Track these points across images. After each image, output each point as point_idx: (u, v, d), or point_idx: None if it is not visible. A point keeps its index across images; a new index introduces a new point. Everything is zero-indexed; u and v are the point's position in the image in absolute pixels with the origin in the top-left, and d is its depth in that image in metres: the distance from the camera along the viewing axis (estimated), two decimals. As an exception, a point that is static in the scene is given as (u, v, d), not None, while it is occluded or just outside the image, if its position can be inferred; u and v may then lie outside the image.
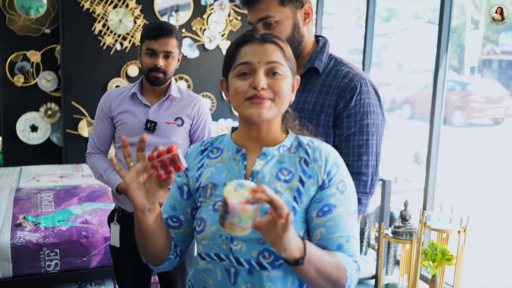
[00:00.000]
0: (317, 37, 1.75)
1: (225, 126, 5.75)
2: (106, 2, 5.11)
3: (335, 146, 1.59)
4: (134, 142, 2.28)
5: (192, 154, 1.34)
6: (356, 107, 1.57)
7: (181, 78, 5.49)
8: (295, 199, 1.18)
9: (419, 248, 3.22)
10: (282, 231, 0.99)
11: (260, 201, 0.99)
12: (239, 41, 1.23)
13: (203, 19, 5.50)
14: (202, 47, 5.56)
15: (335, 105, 1.59)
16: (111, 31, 5.17)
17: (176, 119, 2.31)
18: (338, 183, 1.21)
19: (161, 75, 2.23)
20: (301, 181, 1.20)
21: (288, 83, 1.21)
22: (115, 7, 5.14)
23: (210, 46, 5.56)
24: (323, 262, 1.09)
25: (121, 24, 5.17)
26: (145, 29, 2.26)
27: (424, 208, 3.77)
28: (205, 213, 1.23)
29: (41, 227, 3.03)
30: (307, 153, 1.23)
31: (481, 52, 17.67)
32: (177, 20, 5.44)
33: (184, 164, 1.09)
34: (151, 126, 2.27)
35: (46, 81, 5.13)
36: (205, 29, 5.52)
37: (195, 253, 1.32)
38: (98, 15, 5.10)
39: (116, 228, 2.37)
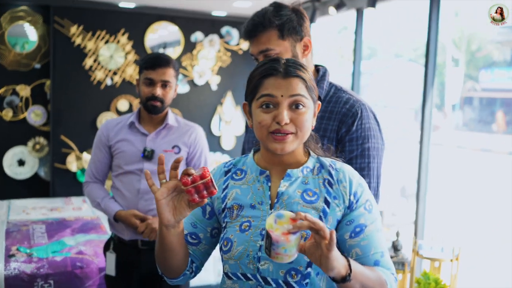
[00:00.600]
0: (316, 66, 1.82)
1: (214, 159, 5.77)
2: (97, 38, 5.18)
3: None
4: (131, 170, 2.31)
5: (216, 175, 1.38)
6: (358, 131, 1.64)
7: (170, 112, 5.53)
8: (320, 218, 1.22)
9: (412, 278, 3.22)
10: (327, 251, 1.03)
11: (301, 229, 1.04)
12: (263, 73, 1.26)
13: (193, 54, 5.59)
14: (191, 83, 5.63)
15: (337, 130, 1.65)
16: (102, 66, 5.22)
17: (173, 147, 2.35)
18: (365, 203, 1.25)
19: (158, 103, 2.29)
20: (326, 202, 1.24)
21: (310, 113, 1.26)
22: (106, 42, 5.21)
23: (199, 81, 5.64)
24: (367, 277, 1.15)
25: (112, 60, 5.23)
26: (143, 60, 2.33)
27: (416, 237, 3.79)
28: (232, 233, 1.26)
29: (34, 258, 2.99)
30: (330, 174, 1.28)
31: (462, 89, 18.10)
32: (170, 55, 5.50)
33: (216, 188, 1.14)
34: (148, 154, 2.31)
35: (35, 115, 5.13)
36: (194, 65, 5.60)
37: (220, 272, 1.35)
38: (89, 50, 5.16)
39: (112, 256, 2.37)
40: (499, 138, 15.58)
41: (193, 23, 5.56)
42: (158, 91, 2.27)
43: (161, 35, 5.51)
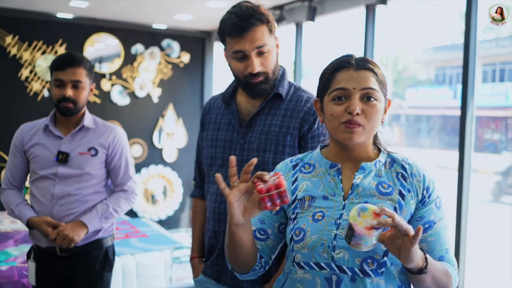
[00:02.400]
0: None
1: (156, 172, 5.72)
2: (34, 49, 5.04)
3: None
4: (46, 174, 2.22)
5: (283, 169, 1.38)
6: (319, 129, 1.70)
7: (111, 125, 5.44)
8: (395, 210, 1.23)
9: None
10: (410, 245, 1.06)
11: (385, 227, 1.06)
12: (336, 66, 1.28)
13: (133, 67, 5.55)
14: (132, 95, 5.58)
15: (299, 127, 1.70)
16: (39, 77, 5.08)
17: (89, 149, 2.26)
18: (436, 199, 1.27)
19: (70, 105, 2.20)
20: (401, 194, 1.25)
21: (381, 107, 1.26)
22: (43, 53, 5.08)
23: (140, 93, 5.60)
24: (438, 270, 1.19)
25: (49, 70, 5.09)
26: (53, 61, 2.24)
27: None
28: (304, 223, 1.26)
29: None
30: (403, 168, 1.29)
31: (390, 107, 18.91)
32: (109, 67, 5.44)
33: (289, 198, 1.14)
34: (62, 158, 2.22)
35: (-33, 128, 4.89)
36: (135, 77, 5.56)
37: (290, 263, 1.31)
38: (26, 61, 5.01)
39: (32, 265, 2.27)
40: (427, 152, 16.38)
41: (133, 35, 5.54)
42: (69, 92, 2.17)
43: (101, 47, 5.44)
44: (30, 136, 2.28)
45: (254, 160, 1.15)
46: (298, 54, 4.82)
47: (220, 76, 5.97)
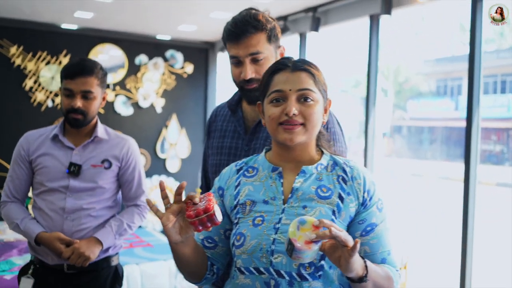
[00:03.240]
0: None
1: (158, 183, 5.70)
2: (38, 59, 5.06)
3: None
4: (55, 187, 2.09)
5: (226, 175, 1.40)
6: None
7: (114, 135, 5.45)
8: (334, 213, 1.24)
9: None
10: (349, 256, 1.06)
11: (324, 239, 1.06)
12: (273, 69, 1.31)
13: (137, 77, 5.57)
14: (136, 105, 5.59)
15: None
16: (43, 88, 5.09)
17: (102, 162, 2.14)
18: (377, 201, 1.28)
19: (80, 116, 2.07)
20: (340, 198, 1.26)
21: (319, 107, 1.28)
22: (47, 63, 5.10)
23: (144, 104, 5.61)
24: (379, 275, 1.19)
25: (53, 81, 5.12)
26: (63, 68, 2.12)
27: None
28: (245, 228, 1.27)
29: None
30: (344, 171, 1.30)
31: (392, 118, 18.95)
32: (113, 77, 5.46)
33: (220, 218, 1.15)
34: (74, 170, 2.09)
35: (-30, 138, 4.89)
36: (139, 87, 5.58)
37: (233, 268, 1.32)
38: (30, 71, 5.03)
39: (28, 282, 2.10)
40: (429, 164, 16.37)
41: (137, 46, 5.56)
42: (78, 103, 2.05)
43: (105, 57, 5.46)
44: (37, 145, 2.14)
45: (184, 183, 1.17)
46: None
47: (223, 86, 5.98)
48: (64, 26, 5.16)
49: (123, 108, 5.51)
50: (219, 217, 1.14)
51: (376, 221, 1.26)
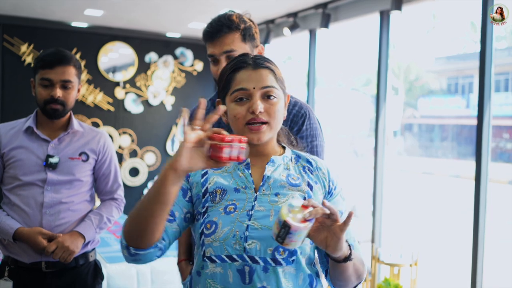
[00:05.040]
0: None
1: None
2: (49, 57, 5.09)
3: None
4: (32, 181, 2.03)
5: None
6: (307, 130, 1.77)
7: (124, 133, 5.47)
8: (305, 199, 1.24)
9: (373, 285, 3.30)
10: (340, 232, 1.08)
11: (317, 216, 1.07)
12: (233, 67, 1.30)
13: (147, 75, 5.58)
14: (146, 103, 5.60)
15: (289, 129, 1.77)
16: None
17: (80, 154, 2.10)
18: (340, 191, 1.33)
19: (59, 106, 2.02)
20: (310, 186, 1.29)
21: (282, 104, 1.30)
22: (58, 61, 5.12)
23: (154, 101, 5.62)
24: (357, 258, 1.22)
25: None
26: (39, 58, 2.05)
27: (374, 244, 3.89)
28: (216, 216, 1.25)
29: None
30: (309, 162, 1.34)
31: (402, 116, 18.85)
32: (123, 75, 5.48)
33: (245, 157, 1.11)
34: (52, 162, 2.04)
35: (-18, 136, 4.94)
36: (149, 85, 5.59)
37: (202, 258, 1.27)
38: (41, 69, 5.05)
39: (8, 285, 2.02)
40: (440, 162, 16.28)
41: (147, 44, 5.58)
42: (58, 93, 1.99)
43: (115, 55, 5.48)
44: (9, 138, 2.06)
45: (203, 101, 1.09)
46: (312, 61, 4.82)
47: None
48: (75, 24, 5.19)
49: (133, 106, 5.52)
50: (235, 151, 1.08)
51: (342, 209, 1.30)
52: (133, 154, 5.56)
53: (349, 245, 1.16)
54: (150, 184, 5.62)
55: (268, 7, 4.50)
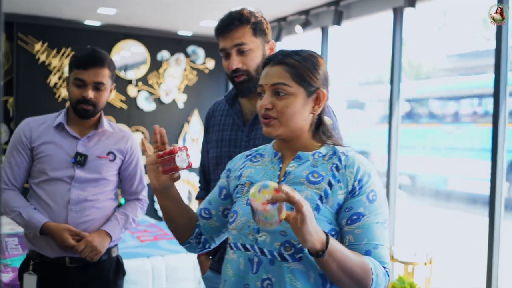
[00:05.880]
0: None
1: (180, 178, 5.74)
2: (62, 55, 5.12)
3: None
4: (59, 177, 2.04)
5: (238, 158, 1.49)
6: None
7: (137, 130, 5.50)
8: (320, 198, 1.25)
9: (388, 283, 3.29)
10: (300, 223, 1.09)
11: (278, 201, 1.10)
12: (263, 63, 1.37)
13: (159, 73, 5.60)
14: (158, 101, 5.63)
15: None
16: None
17: (108, 154, 2.12)
18: (368, 192, 1.25)
19: (90, 107, 2.03)
20: (330, 184, 1.26)
21: (296, 100, 1.29)
22: (72, 60, 5.16)
23: (166, 99, 5.65)
24: (346, 259, 1.15)
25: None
26: (74, 57, 2.06)
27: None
28: (239, 206, 1.34)
29: (11, 268, 2.91)
30: (339, 160, 1.30)
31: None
32: (135, 73, 5.51)
33: (179, 164, 1.26)
34: (80, 160, 2.04)
35: (-3, 134, 4.98)
36: (161, 83, 5.62)
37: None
38: (54, 67, 5.10)
39: (32, 279, 2.02)
40: (453, 161, 16.16)
41: (159, 42, 5.60)
42: (90, 94, 2.01)
43: (127, 53, 5.51)
44: (40, 132, 2.07)
45: (163, 130, 1.33)
46: (324, 58, 4.81)
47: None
48: (88, 22, 5.22)
49: (146, 104, 5.55)
50: (178, 162, 1.25)
51: (363, 211, 1.23)
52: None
53: (326, 242, 1.12)
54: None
55: (280, 4, 4.50)
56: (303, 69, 1.31)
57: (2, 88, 0.55)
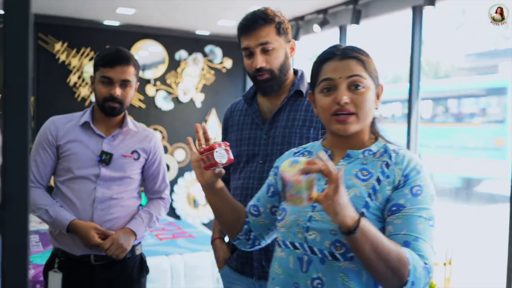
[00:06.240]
0: (294, 69, 1.97)
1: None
2: (82, 55, 5.18)
3: None
4: (85, 175, 2.06)
5: (285, 156, 1.47)
6: None
7: (155, 129, 5.53)
8: (369, 195, 1.22)
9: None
10: (333, 193, 1.05)
11: (311, 171, 1.07)
12: (322, 58, 1.31)
13: (177, 72, 5.64)
14: (176, 100, 5.66)
15: (316, 120, 1.81)
16: (86, 83, 5.21)
17: (132, 152, 2.14)
18: (413, 186, 1.20)
19: (117, 105, 2.06)
20: (378, 180, 1.23)
21: (371, 94, 1.27)
22: (91, 59, 5.21)
23: (184, 98, 5.68)
24: (381, 242, 1.09)
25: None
26: (100, 56, 2.09)
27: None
28: (287, 204, 1.29)
29: (32, 265, 2.95)
30: (390, 157, 1.26)
31: (431, 114, 18.60)
32: (154, 73, 5.55)
33: (219, 160, 1.30)
34: (106, 158, 2.07)
35: (18, 133, 5.06)
36: (179, 82, 5.65)
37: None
38: (74, 67, 5.15)
39: (57, 277, 2.03)
40: (472, 160, 15.98)
41: (177, 41, 5.63)
42: (118, 91, 2.03)
43: (146, 53, 5.54)
44: (66, 131, 2.09)
45: (205, 127, 1.38)
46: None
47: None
48: (107, 22, 5.27)
49: (164, 103, 5.59)
50: (217, 158, 1.29)
51: (404, 203, 1.18)
52: (164, 150, 5.62)
53: (358, 220, 1.07)
54: (180, 180, 5.69)
55: (298, 3, 4.49)
56: (371, 63, 1.30)
57: (32, 85, 0.56)
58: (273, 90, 1.85)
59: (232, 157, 1.32)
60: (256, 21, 1.79)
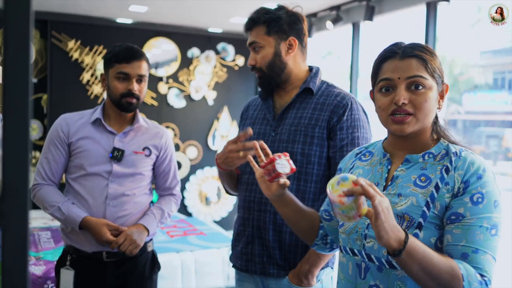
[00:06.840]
0: (310, 67, 1.96)
1: (210, 174, 5.77)
2: (95, 53, 5.20)
3: (329, 156, 1.77)
4: (97, 171, 2.06)
5: (348, 157, 1.47)
6: (348, 121, 1.78)
7: (167, 127, 5.55)
8: (427, 204, 1.18)
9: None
10: (374, 219, 1.04)
11: (354, 194, 1.06)
12: (382, 57, 1.27)
13: (190, 70, 5.64)
14: (188, 97, 5.66)
15: (328, 119, 1.79)
16: (99, 81, 5.23)
17: (144, 149, 2.15)
18: (474, 193, 1.15)
19: (134, 100, 2.06)
20: (437, 187, 1.19)
21: (432, 94, 1.22)
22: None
23: (196, 96, 5.68)
24: (429, 261, 1.07)
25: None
26: (113, 53, 2.07)
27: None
28: None
29: (43, 261, 2.97)
30: (450, 161, 1.21)
31: (446, 112, 18.43)
32: (166, 70, 5.56)
33: (281, 170, 1.32)
34: (118, 155, 2.07)
35: (31, 130, 5.09)
36: (191, 80, 5.65)
37: None
38: (87, 65, 5.18)
39: (69, 274, 2.03)
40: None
41: (189, 39, 5.63)
42: (135, 87, 2.04)
43: (158, 51, 5.56)
44: (77, 128, 2.09)
45: (263, 144, 1.41)
46: (355, 54, 4.76)
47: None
48: (120, 20, 5.29)
49: (176, 101, 5.59)
50: (280, 169, 1.31)
51: (463, 212, 1.14)
52: (176, 148, 5.63)
53: (405, 241, 1.05)
54: (192, 178, 5.69)
55: (311, 0, 4.47)
56: (434, 61, 1.24)
57: (31, 81, 0.55)
58: (267, 87, 1.89)
59: (294, 166, 1.33)
60: (249, 22, 1.87)
